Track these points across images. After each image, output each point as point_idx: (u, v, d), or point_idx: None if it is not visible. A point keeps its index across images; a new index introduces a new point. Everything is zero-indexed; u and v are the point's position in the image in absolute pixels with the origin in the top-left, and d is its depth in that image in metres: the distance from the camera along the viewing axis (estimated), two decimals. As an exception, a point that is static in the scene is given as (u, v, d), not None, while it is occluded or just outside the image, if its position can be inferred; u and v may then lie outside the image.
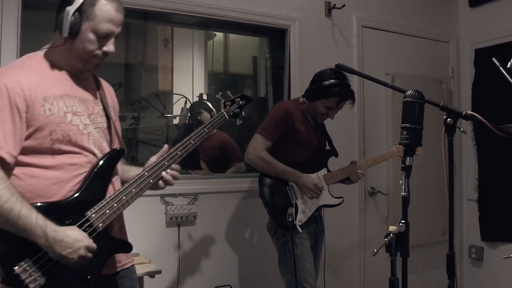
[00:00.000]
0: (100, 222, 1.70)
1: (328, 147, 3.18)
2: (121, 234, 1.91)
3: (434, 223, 4.31)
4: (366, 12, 4.13)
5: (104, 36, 1.75)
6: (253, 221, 3.53)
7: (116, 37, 1.80)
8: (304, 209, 2.92)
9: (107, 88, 2.02)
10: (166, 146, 1.93)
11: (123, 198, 1.76)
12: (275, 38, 4.00)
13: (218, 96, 2.27)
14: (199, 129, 2.00)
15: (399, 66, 4.26)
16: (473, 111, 1.80)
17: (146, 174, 1.83)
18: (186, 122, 4.23)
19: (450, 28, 4.66)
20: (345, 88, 2.92)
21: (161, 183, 1.90)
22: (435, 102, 1.80)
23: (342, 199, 3.07)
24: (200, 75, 4.65)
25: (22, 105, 1.62)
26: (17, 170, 1.65)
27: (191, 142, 1.95)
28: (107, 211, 1.71)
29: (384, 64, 4.19)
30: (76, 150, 1.73)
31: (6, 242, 1.58)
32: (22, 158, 1.66)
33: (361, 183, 3.96)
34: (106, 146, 1.85)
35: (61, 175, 1.69)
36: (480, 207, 4.44)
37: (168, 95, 4.40)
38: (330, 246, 3.27)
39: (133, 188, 1.79)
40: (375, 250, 1.77)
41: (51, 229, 1.58)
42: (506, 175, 4.12)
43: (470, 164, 4.55)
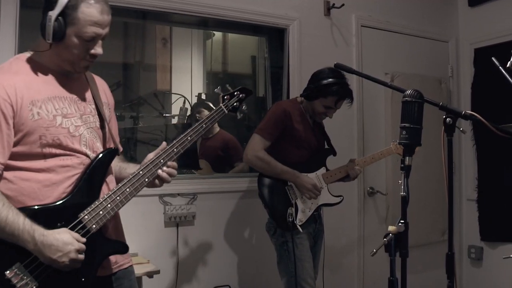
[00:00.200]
0: (93, 224, 1.68)
1: (326, 147, 3.18)
2: (117, 234, 1.88)
3: (434, 223, 4.31)
4: (365, 11, 4.13)
5: (90, 39, 1.69)
6: (252, 221, 3.52)
7: (103, 38, 1.75)
8: (304, 208, 2.91)
9: (101, 84, 1.98)
10: (164, 143, 1.89)
11: (117, 198, 1.73)
12: (274, 37, 3.99)
13: (217, 90, 2.18)
14: (196, 125, 1.96)
15: (399, 66, 4.25)
16: (472, 111, 1.79)
17: (141, 173, 1.80)
18: (185, 121, 4.22)
19: (450, 27, 4.65)
20: (343, 87, 2.92)
21: (157, 182, 1.88)
22: (435, 102, 1.80)
23: (342, 198, 3.06)
24: (198, 75, 4.64)
25: (9, 111, 1.60)
26: (9, 174, 1.64)
27: (188, 138, 1.92)
28: (101, 212, 1.69)
29: (383, 63, 4.19)
30: (67, 152, 1.71)
31: None
32: (14, 163, 1.64)
33: (360, 183, 3.96)
34: (99, 146, 1.83)
35: (53, 177, 1.68)
36: (479, 207, 4.44)
37: (166, 95, 4.40)
38: (329, 246, 3.26)
39: (127, 188, 1.76)
40: (374, 250, 1.76)
41: (39, 233, 1.56)
42: (506, 175, 4.11)
43: (470, 164, 4.54)
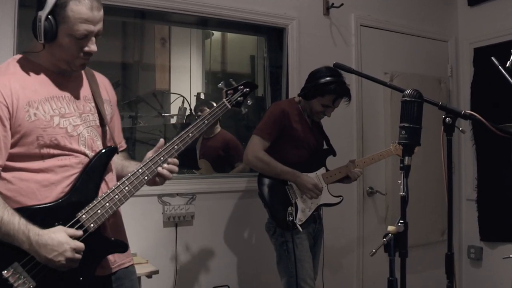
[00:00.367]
0: (91, 223, 1.67)
1: (325, 146, 3.17)
2: (117, 233, 1.87)
3: (433, 223, 4.31)
4: (364, 11, 4.12)
5: (82, 37, 1.67)
6: (251, 221, 3.52)
7: (97, 35, 1.73)
8: (304, 208, 2.91)
9: (102, 81, 1.97)
10: (161, 141, 1.88)
11: (116, 197, 1.73)
12: (273, 37, 3.99)
13: (220, 85, 2.11)
14: (198, 121, 1.93)
15: (398, 65, 4.25)
16: (472, 111, 1.79)
17: (140, 171, 1.79)
18: (184, 121, 4.22)
19: (449, 27, 4.65)
20: (340, 85, 2.92)
21: (159, 180, 1.86)
22: (434, 102, 1.80)
23: (342, 198, 3.06)
24: (197, 74, 4.64)
25: (4, 113, 1.60)
26: (8, 175, 1.65)
27: (189, 135, 1.89)
28: (99, 211, 1.69)
29: (382, 63, 4.18)
30: (65, 152, 1.71)
31: None
32: (13, 164, 1.65)
33: (359, 183, 3.95)
34: (99, 145, 1.82)
35: (51, 178, 1.68)
36: (479, 207, 4.43)
37: (165, 94, 4.39)
38: (328, 246, 3.26)
39: (126, 186, 1.75)
40: (374, 250, 1.75)
41: (34, 233, 1.55)
42: (505, 175, 4.11)
43: (469, 163, 4.54)
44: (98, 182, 1.75)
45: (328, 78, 2.89)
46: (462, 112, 1.76)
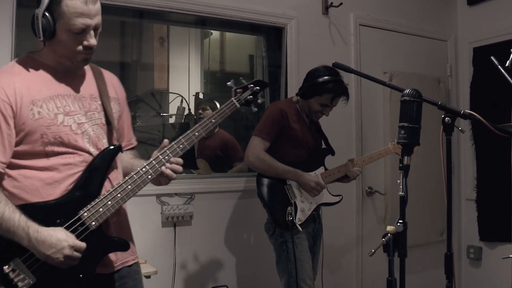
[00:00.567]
0: (93, 221, 1.68)
1: (324, 146, 3.17)
2: (120, 232, 1.87)
3: (432, 223, 4.30)
4: (363, 10, 4.12)
5: (80, 32, 1.67)
6: (250, 221, 3.51)
7: (96, 29, 1.73)
8: (303, 208, 2.91)
9: (110, 78, 1.97)
10: (166, 141, 1.86)
11: (118, 195, 1.73)
12: (272, 36, 3.98)
13: (230, 83, 2.10)
14: (205, 119, 1.92)
15: (397, 65, 4.24)
16: (471, 110, 1.79)
17: (143, 170, 1.79)
18: (182, 121, 4.21)
19: (448, 26, 4.64)
20: (338, 84, 2.92)
21: (163, 179, 1.86)
22: (433, 101, 1.79)
23: (341, 197, 3.06)
24: (196, 74, 4.64)
25: (8, 111, 1.63)
26: (14, 172, 1.67)
27: (196, 134, 1.88)
28: (101, 209, 1.69)
29: (381, 62, 4.17)
30: (69, 150, 1.72)
31: None
32: (18, 161, 1.67)
33: (358, 183, 3.95)
34: (105, 143, 1.82)
35: (55, 175, 1.69)
36: (478, 207, 4.43)
37: (164, 94, 4.39)
38: (328, 245, 3.25)
39: (128, 185, 1.75)
40: (373, 250, 1.75)
41: (34, 229, 1.57)
42: (505, 175, 4.10)
43: (469, 163, 4.54)
44: (102, 180, 1.76)
45: (326, 77, 2.90)
46: (462, 111, 1.76)
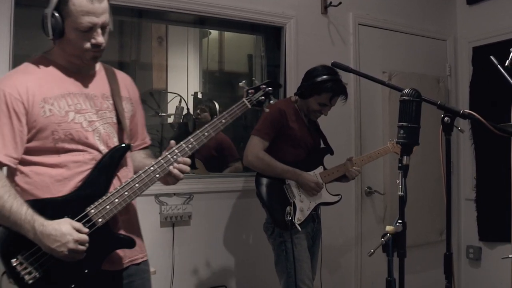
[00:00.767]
0: (99, 217, 1.72)
1: (322, 145, 3.16)
2: (128, 229, 1.90)
3: (432, 223, 4.30)
4: (362, 9, 4.11)
5: (86, 30, 1.72)
6: (248, 221, 3.50)
7: (104, 27, 1.77)
8: (302, 207, 2.90)
9: (123, 79, 2.02)
10: (172, 142, 1.89)
11: (125, 193, 1.76)
12: (271, 36, 3.97)
13: (242, 84, 2.11)
14: (215, 120, 1.94)
15: (396, 64, 4.24)
16: (470, 110, 1.79)
17: (151, 168, 1.82)
18: (181, 120, 4.21)
19: (448, 26, 4.64)
20: (337, 83, 2.92)
21: (171, 179, 1.88)
22: (432, 101, 1.80)
23: (340, 197, 3.05)
24: (195, 74, 4.63)
25: (20, 108, 1.69)
26: (26, 168, 1.74)
27: (205, 134, 1.90)
28: (108, 207, 1.73)
29: (381, 62, 4.17)
30: (80, 147, 1.77)
31: (5, 235, 1.65)
32: (30, 158, 1.73)
33: (357, 183, 3.95)
34: (115, 141, 1.86)
35: (64, 173, 1.74)
36: (478, 207, 4.43)
37: (162, 94, 4.38)
38: (326, 245, 3.25)
39: (136, 183, 1.79)
40: (372, 250, 1.76)
41: (39, 223, 1.61)
42: (504, 174, 4.09)
43: (468, 163, 4.53)
44: (110, 178, 1.80)
45: (324, 77, 2.90)
46: (461, 111, 1.76)
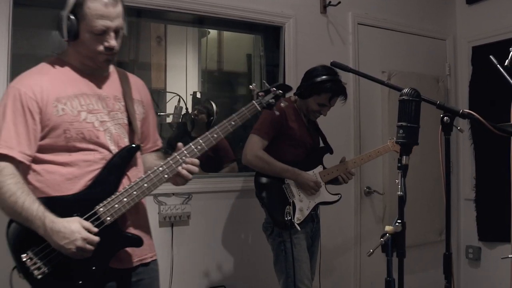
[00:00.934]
0: (108, 216, 1.76)
1: (322, 145, 3.16)
2: (137, 228, 1.93)
3: (431, 223, 4.29)
4: (361, 9, 4.11)
5: (100, 33, 1.78)
6: (247, 221, 3.50)
7: (118, 31, 1.83)
8: (301, 207, 2.90)
9: (135, 82, 2.07)
10: (180, 144, 1.92)
11: (134, 193, 1.80)
12: (270, 35, 3.97)
13: (252, 86, 2.14)
14: (224, 122, 1.97)
15: (395, 64, 4.23)
16: (470, 109, 1.79)
17: (160, 169, 1.86)
18: (180, 120, 4.20)
19: (447, 25, 4.64)
20: (336, 83, 2.92)
21: (179, 179, 1.93)
22: (432, 101, 1.80)
23: (340, 196, 3.05)
24: (193, 73, 4.62)
25: (34, 107, 1.74)
26: (38, 167, 1.78)
27: (214, 135, 1.94)
28: (116, 206, 1.77)
29: (380, 61, 4.17)
30: (90, 147, 1.81)
31: (17, 231, 1.71)
32: (42, 156, 1.78)
33: (357, 183, 3.94)
34: (126, 142, 1.91)
35: (75, 171, 1.79)
36: (477, 207, 4.42)
37: (161, 93, 4.37)
38: (325, 245, 3.25)
39: (145, 183, 1.82)
40: (371, 250, 1.76)
41: (49, 220, 1.66)
42: (504, 174, 4.09)
43: (467, 163, 4.53)
44: (119, 178, 1.84)
45: (324, 77, 2.89)
46: (460, 111, 1.77)
